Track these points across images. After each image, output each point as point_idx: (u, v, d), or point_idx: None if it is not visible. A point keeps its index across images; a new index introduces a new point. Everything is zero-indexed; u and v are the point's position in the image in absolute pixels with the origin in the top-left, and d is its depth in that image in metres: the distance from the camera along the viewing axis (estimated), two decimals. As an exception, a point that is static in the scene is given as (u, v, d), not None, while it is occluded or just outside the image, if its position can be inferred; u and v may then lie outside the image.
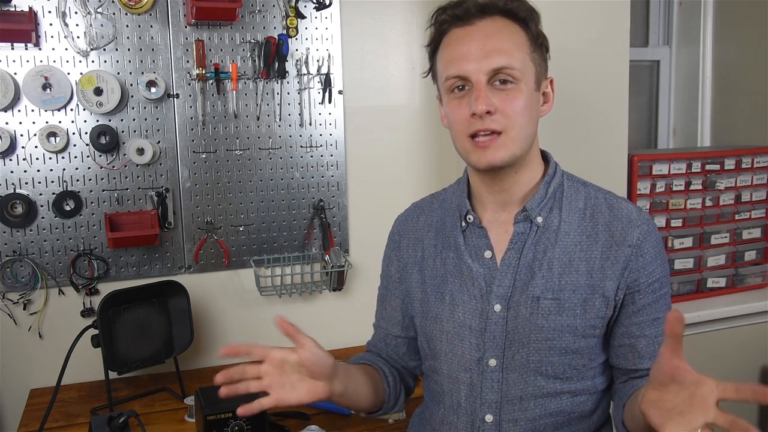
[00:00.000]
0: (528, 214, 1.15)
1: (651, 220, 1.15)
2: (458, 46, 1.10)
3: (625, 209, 1.15)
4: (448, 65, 1.11)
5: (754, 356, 2.23)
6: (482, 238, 1.18)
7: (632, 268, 1.11)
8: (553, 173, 1.19)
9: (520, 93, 1.09)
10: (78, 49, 1.74)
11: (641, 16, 2.57)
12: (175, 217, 1.87)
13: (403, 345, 1.32)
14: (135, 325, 1.66)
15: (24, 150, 1.73)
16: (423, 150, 2.09)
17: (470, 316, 1.16)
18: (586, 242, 1.13)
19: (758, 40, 2.32)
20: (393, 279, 1.31)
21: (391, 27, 2.03)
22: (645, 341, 1.13)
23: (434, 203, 1.30)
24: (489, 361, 1.14)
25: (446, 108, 1.15)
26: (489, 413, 1.15)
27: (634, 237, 1.12)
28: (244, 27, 1.86)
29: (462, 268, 1.18)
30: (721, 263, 2.22)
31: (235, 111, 1.88)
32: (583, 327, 1.11)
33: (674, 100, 2.62)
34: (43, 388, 1.77)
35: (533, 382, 1.13)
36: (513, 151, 1.10)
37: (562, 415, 1.15)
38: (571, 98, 1.92)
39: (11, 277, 1.76)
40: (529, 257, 1.14)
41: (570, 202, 1.17)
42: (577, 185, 1.20)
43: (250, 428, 1.42)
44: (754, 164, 2.22)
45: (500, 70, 1.08)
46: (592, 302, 1.11)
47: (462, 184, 1.24)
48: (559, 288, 1.11)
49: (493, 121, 1.07)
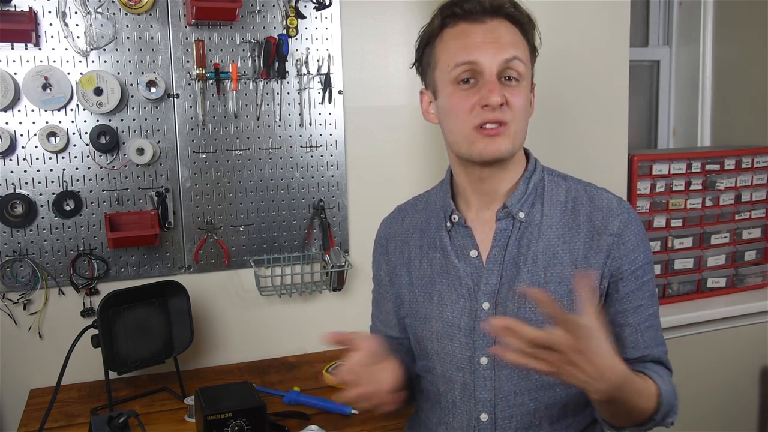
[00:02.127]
0: (509, 210, 1.17)
1: (631, 209, 1.17)
2: (469, 37, 1.12)
3: (605, 199, 1.17)
4: (458, 52, 1.12)
5: (754, 356, 2.23)
6: (467, 238, 1.19)
7: (614, 257, 1.13)
8: (533, 169, 1.21)
9: (523, 90, 1.13)
10: (78, 49, 1.74)
11: (641, 16, 2.58)
12: (175, 217, 1.87)
13: (404, 345, 1.33)
14: (135, 325, 1.66)
15: (24, 150, 1.73)
16: (423, 150, 2.09)
17: (459, 315, 1.17)
18: (569, 234, 1.15)
19: (758, 40, 2.32)
20: (384, 282, 1.32)
21: (391, 27, 2.03)
22: (629, 330, 1.15)
23: (418, 205, 1.32)
24: (480, 360, 1.15)
25: (447, 99, 1.15)
26: (484, 412, 1.16)
27: (615, 226, 1.14)
28: (244, 27, 1.86)
29: (449, 268, 1.20)
30: (721, 263, 2.22)
31: (235, 111, 1.88)
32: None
33: (674, 100, 2.62)
34: (43, 388, 1.77)
35: (526, 375, 1.14)
36: (515, 144, 1.13)
37: (557, 408, 1.16)
38: (572, 98, 1.92)
39: (11, 277, 1.76)
40: (514, 253, 1.15)
41: (551, 196, 1.19)
42: (557, 179, 1.22)
43: (250, 428, 1.42)
44: (754, 164, 2.22)
45: (511, 61, 1.11)
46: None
47: (445, 185, 1.25)
48: (545, 281, 1.13)
49: (503, 112, 1.10)
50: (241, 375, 1.87)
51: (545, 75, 1.87)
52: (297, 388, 1.72)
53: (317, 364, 1.89)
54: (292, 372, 1.88)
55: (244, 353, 1.98)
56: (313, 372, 1.86)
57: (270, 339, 2.01)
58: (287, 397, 1.67)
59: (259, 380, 1.81)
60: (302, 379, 1.83)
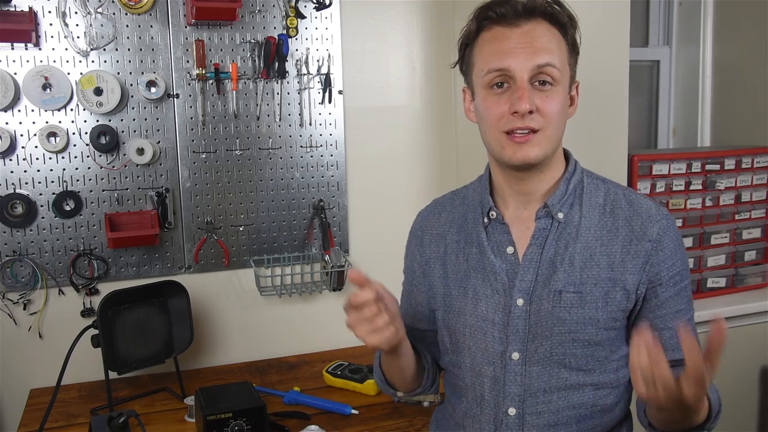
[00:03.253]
0: (549, 210, 1.17)
1: (670, 216, 1.18)
2: (502, 42, 1.12)
3: (644, 205, 1.18)
4: (491, 58, 1.12)
5: (754, 356, 2.23)
6: (504, 234, 1.20)
7: (653, 263, 1.14)
8: (573, 170, 1.21)
9: (558, 95, 1.13)
10: (78, 49, 1.74)
11: (641, 16, 2.57)
12: (175, 217, 1.87)
13: (429, 336, 1.34)
14: (135, 325, 1.66)
15: (24, 150, 1.73)
16: (423, 150, 2.09)
17: (493, 310, 1.18)
18: (607, 237, 1.15)
19: (758, 40, 2.32)
20: (417, 274, 1.33)
21: (391, 27, 2.03)
22: (668, 333, 1.16)
23: (455, 200, 1.33)
24: (512, 355, 1.16)
25: (481, 102, 1.15)
26: (512, 406, 1.17)
27: (654, 232, 1.14)
28: (244, 27, 1.86)
29: (485, 263, 1.20)
30: (721, 263, 2.22)
31: (235, 111, 1.88)
32: (605, 319, 1.14)
33: (674, 100, 2.62)
34: (43, 388, 1.77)
35: (556, 374, 1.15)
36: (546, 150, 1.13)
37: (585, 408, 1.17)
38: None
39: (11, 277, 1.76)
40: (551, 252, 1.16)
41: (590, 198, 1.19)
42: (596, 182, 1.22)
43: (250, 428, 1.42)
44: (754, 164, 2.22)
45: (544, 67, 1.10)
46: (614, 295, 1.14)
47: (484, 181, 1.26)
48: (580, 282, 1.14)
49: (533, 119, 1.10)
50: (241, 375, 1.87)
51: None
52: (297, 388, 1.72)
53: (317, 364, 1.89)
54: (292, 372, 1.88)
55: (244, 353, 1.98)
56: (313, 372, 1.86)
57: (270, 339, 2.01)
58: (287, 397, 1.67)
59: (259, 380, 1.81)
60: (302, 379, 1.83)
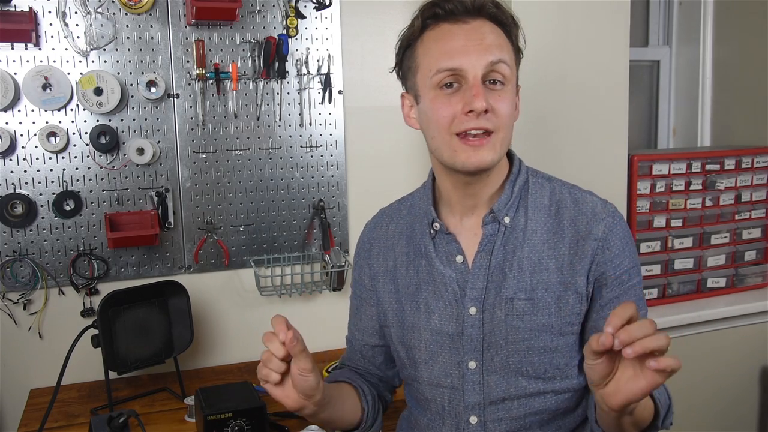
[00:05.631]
0: (495, 215, 1.14)
1: (616, 212, 1.15)
2: (451, 40, 1.07)
3: (589, 203, 1.14)
4: (440, 57, 1.07)
5: (754, 356, 2.23)
6: (452, 243, 1.16)
7: (599, 262, 1.11)
8: (517, 172, 1.17)
9: (508, 94, 1.09)
10: (78, 49, 1.74)
11: (641, 16, 2.58)
12: (175, 217, 1.87)
13: (380, 354, 1.31)
14: (135, 325, 1.66)
15: (24, 150, 1.73)
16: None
17: (447, 322, 1.15)
18: (553, 239, 1.13)
19: (758, 40, 2.32)
20: (366, 287, 1.29)
21: (391, 27, 2.02)
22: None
23: (402, 210, 1.29)
24: (468, 364, 1.14)
25: (429, 105, 1.10)
26: (473, 415, 1.15)
27: (600, 230, 1.11)
28: (244, 27, 1.86)
29: (434, 274, 1.17)
30: (721, 263, 2.22)
31: (235, 111, 1.88)
32: (559, 325, 1.11)
33: (674, 100, 2.62)
34: (43, 388, 1.77)
35: (515, 383, 1.13)
36: (501, 154, 1.10)
37: (547, 413, 1.15)
38: (571, 98, 1.92)
39: (11, 277, 1.76)
40: (500, 258, 1.13)
41: (535, 199, 1.16)
42: (541, 181, 1.18)
43: (250, 428, 1.42)
44: (754, 164, 2.22)
45: (496, 64, 1.06)
46: (566, 299, 1.11)
47: (427, 190, 1.22)
48: (531, 287, 1.11)
49: (488, 120, 1.06)
50: (241, 375, 1.87)
51: (545, 75, 1.88)
52: (297, 388, 1.72)
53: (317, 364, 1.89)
54: (292, 372, 1.88)
55: (244, 353, 1.98)
56: (313, 372, 1.86)
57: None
58: (287, 397, 1.67)
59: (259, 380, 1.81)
60: (302, 379, 1.82)
